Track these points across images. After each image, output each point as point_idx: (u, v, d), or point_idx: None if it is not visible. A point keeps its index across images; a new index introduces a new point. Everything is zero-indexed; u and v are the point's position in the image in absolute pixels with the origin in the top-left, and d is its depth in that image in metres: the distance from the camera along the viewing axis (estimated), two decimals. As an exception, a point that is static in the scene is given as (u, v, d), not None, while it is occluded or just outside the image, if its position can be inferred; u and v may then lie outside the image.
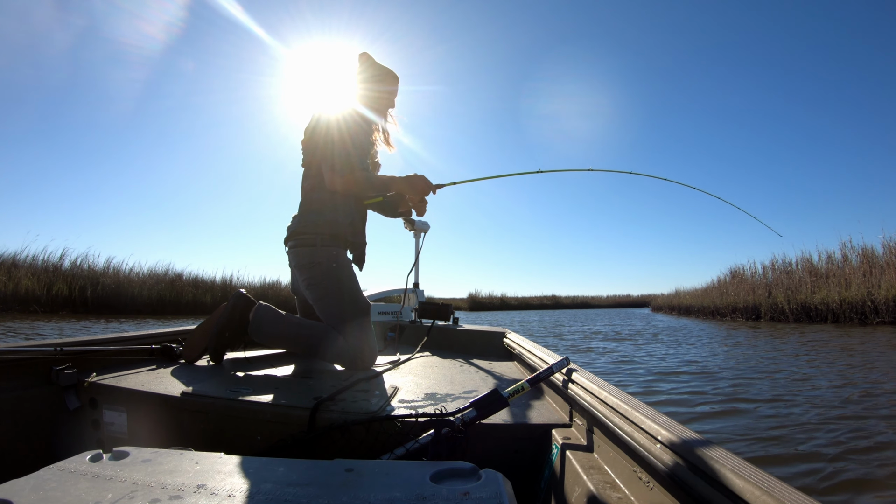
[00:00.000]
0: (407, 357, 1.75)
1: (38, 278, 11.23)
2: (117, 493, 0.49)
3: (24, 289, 10.80)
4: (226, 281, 15.42)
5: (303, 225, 1.62)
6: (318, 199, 1.64)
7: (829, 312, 11.00)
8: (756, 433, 2.13)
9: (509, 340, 1.85)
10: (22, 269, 11.61)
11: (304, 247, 1.59)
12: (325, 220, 1.60)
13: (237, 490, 0.50)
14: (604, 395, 0.77)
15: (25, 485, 0.50)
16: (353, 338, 1.49)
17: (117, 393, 1.09)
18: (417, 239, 2.48)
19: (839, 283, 11.38)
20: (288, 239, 1.67)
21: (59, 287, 11.33)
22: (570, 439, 0.84)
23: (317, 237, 1.58)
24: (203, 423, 1.01)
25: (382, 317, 2.50)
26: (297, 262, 1.62)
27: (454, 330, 2.19)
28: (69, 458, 0.58)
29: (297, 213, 1.70)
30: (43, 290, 11.03)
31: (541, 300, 41.35)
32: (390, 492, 0.50)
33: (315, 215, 1.61)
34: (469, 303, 35.31)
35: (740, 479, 0.44)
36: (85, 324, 8.12)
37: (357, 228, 1.70)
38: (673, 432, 0.56)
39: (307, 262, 1.59)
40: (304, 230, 1.61)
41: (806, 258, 13.79)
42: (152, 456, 0.59)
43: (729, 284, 16.13)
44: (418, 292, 2.76)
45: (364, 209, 1.78)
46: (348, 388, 1.15)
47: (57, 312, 10.53)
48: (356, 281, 1.65)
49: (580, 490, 0.69)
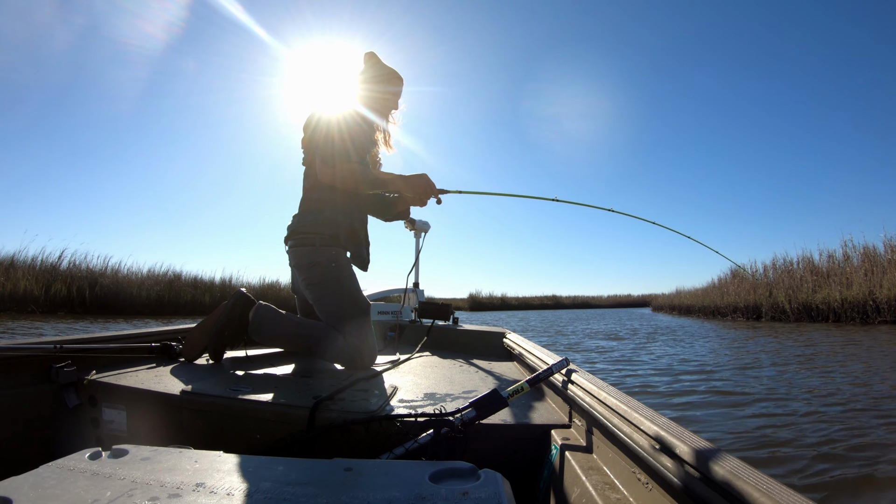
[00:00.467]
0: (407, 357, 1.75)
1: (36, 279, 11.15)
2: (116, 490, 0.49)
3: (23, 289, 10.72)
4: (225, 281, 15.32)
5: (302, 224, 1.61)
6: (318, 198, 1.63)
7: (831, 312, 10.96)
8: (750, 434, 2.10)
9: (509, 341, 1.84)
10: (20, 269, 11.52)
11: (304, 246, 1.58)
12: (324, 220, 1.59)
13: (236, 489, 0.50)
14: (603, 395, 0.77)
15: (24, 482, 0.50)
16: (353, 337, 1.48)
17: (117, 391, 1.09)
18: (418, 239, 2.48)
19: (841, 282, 11.35)
20: (288, 238, 1.66)
21: (57, 287, 11.25)
22: (570, 440, 0.84)
23: (316, 237, 1.58)
24: (202, 422, 1.01)
25: (382, 316, 2.50)
26: (296, 261, 1.61)
27: (454, 330, 2.18)
28: (68, 456, 0.57)
29: (297, 212, 1.69)
30: (41, 291, 10.95)
31: (541, 300, 41.37)
32: (389, 491, 0.50)
33: (314, 214, 1.61)
34: (469, 303, 35.30)
35: (739, 480, 0.44)
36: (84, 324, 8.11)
37: (357, 228, 1.68)
38: (672, 433, 0.56)
39: (307, 262, 1.58)
40: (303, 229, 1.60)
41: (807, 257, 13.74)
42: (151, 454, 0.59)
43: (730, 284, 16.04)
44: (418, 292, 2.75)
45: (364, 211, 1.77)
46: (348, 387, 1.14)
47: (55, 313, 10.48)
48: (356, 281, 1.64)
49: (579, 490, 0.69)
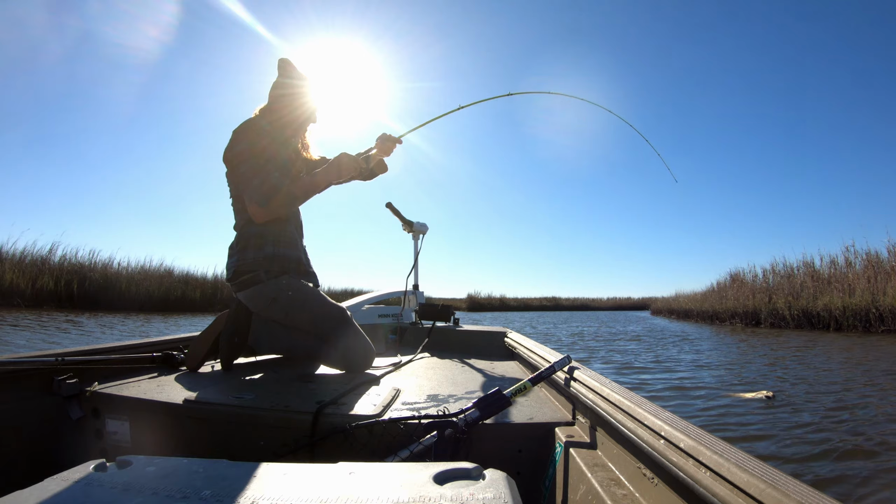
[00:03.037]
0: (408, 359, 1.75)
1: (23, 272, 11.07)
2: (122, 502, 0.49)
3: (9, 282, 10.63)
4: (218, 278, 15.19)
5: (243, 263, 1.50)
6: (257, 233, 1.52)
7: (832, 319, 10.73)
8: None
9: (510, 340, 1.85)
10: (6, 262, 11.42)
11: (253, 285, 1.49)
12: (266, 256, 1.51)
13: (241, 496, 0.50)
14: (606, 392, 0.76)
15: (30, 496, 0.49)
16: (344, 346, 1.49)
17: (119, 402, 1.09)
18: (416, 241, 2.50)
19: (842, 288, 11.10)
20: (231, 280, 1.53)
21: (44, 281, 11.18)
22: (574, 437, 0.84)
23: (261, 272, 1.49)
24: (206, 430, 1.01)
25: (383, 319, 2.49)
26: (251, 304, 1.52)
27: (455, 331, 2.18)
28: (73, 469, 0.56)
29: (234, 247, 1.55)
30: (28, 284, 10.86)
31: (541, 301, 41.25)
32: (394, 494, 0.49)
33: (255, 251, 1.51)
34: (468, 303, 35.17)
35: (745, 472, 0.43)
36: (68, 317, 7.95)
37: (301, 255, 1.61)
38: (676, 428, 0.56)
39: (262, 302, 1.50)
40: (246, 269, 1.50)
41: (808, 262, 13.45)
42: (156, 464, 0.58)
43: (729, 288, 15.82)
44: (418, 294, 2.73)
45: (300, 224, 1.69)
46: (350, 391, 1.15)
47: (41, 307, 10.42)
48: (319, 295, 1.57)
49: (585, 488, 0.69)
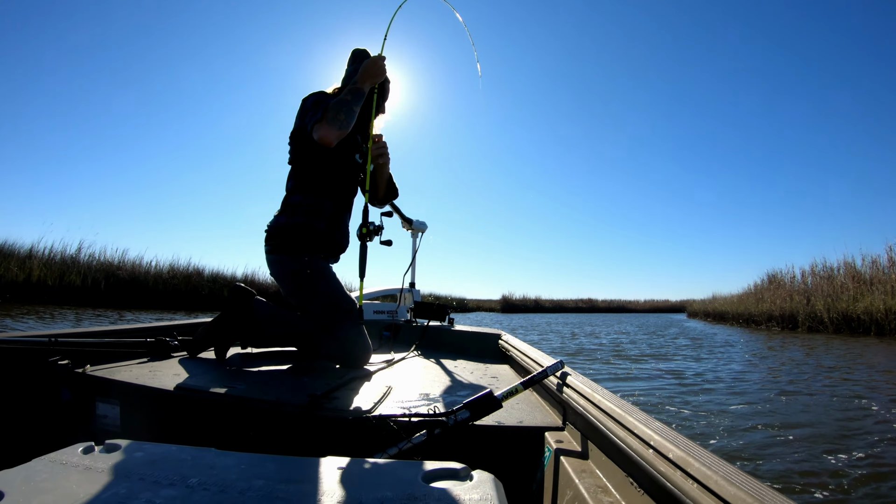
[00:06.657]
0: (401, 356, 1.74)
1: (50, 269, 11.24)
2: (108, 485, 0.49)
3: (36, 278, 10.81)
4: (247, 277, 15.24)
5: (278, 229, 1.58)
6: (295, 203, 1.59)
7: (873, 323, 9.56)
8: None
9: (504, 342, 1.82)
10: (35, 259, 11.52)
11: (278, 254, 1.56)
12: (298, 226, 1.56)
13: (228, 486, 0.50)
14: (597, 398, 0.76)
15: (16, 476, 0.50)
16: (345, 339, 1.48)
17: (111, 385, 1.09)
18: (414, 239, 2.47)
19: (885, 290, 9.87)
20: (266, 239, 1.61)
21: (71, 278, 11.33)
22: (563, 443, 0.84)
23: (290, 244, 1.55)
24: (196, 418, 1.02)
25: (378, 316, 2.48)
26: (273, 271, 1.59)
27: (449, 330, 2.17)
28: (61, 450, 0.58)
29: (277, 211, 1.64)
30: (55, 281, 11.01)
31: (576, 303, 39.94)
32: (381, 491, 0.50)
33: (287, 218, 1.58)
34: (502, 304, 34.75)
35: (733, 486, 0.43)
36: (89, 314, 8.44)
37: (333, 231, 1.64)
38: (666, 438, 0.56)
39: (283, 272, 1.56)
40: (279, 234, 1.57)
41: (849, 262, 12.15)
42: (144, 449, 0.59)
43: (765, 290, 14.55)
44: (414, 292, 2.74)
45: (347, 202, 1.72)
46: (342, 386, 1.15)
47: (67, 304, 10.45)
48: (338, 283, 1.60)
49: (572, 493, 0.69)
